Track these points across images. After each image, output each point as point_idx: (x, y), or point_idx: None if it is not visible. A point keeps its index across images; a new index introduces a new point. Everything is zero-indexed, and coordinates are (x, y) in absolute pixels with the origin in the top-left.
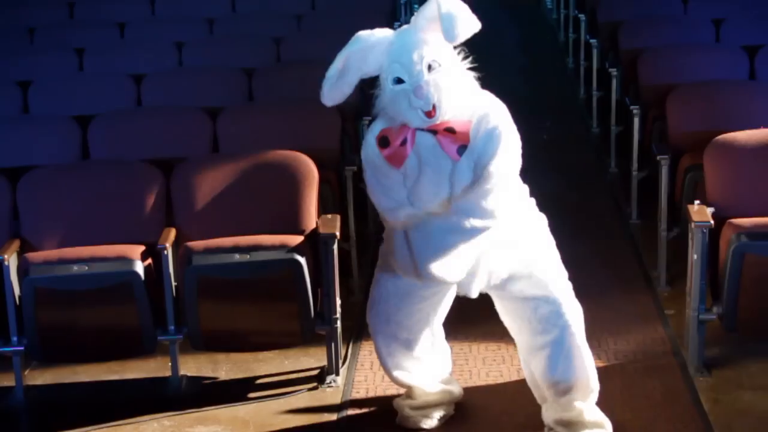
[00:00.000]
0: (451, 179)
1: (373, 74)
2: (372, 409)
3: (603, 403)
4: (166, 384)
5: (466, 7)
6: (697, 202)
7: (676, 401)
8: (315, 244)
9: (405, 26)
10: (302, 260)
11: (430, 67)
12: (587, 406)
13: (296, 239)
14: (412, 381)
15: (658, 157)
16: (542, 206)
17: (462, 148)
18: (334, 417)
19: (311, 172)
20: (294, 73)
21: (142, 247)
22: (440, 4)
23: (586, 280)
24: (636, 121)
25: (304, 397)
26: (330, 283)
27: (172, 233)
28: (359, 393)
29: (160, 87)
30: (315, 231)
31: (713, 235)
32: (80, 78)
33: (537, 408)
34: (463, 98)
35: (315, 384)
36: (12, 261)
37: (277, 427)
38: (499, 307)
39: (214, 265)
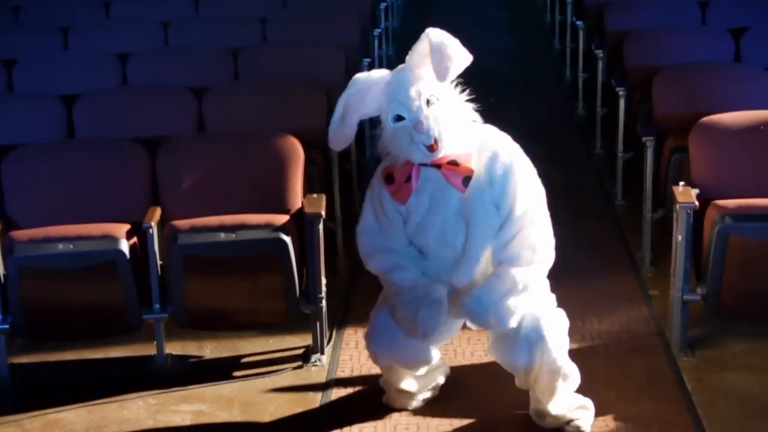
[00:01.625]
0: (464, 215)
1: (373, 115)
2: (357, 388)
3: (586, 383)
4: (151, 362)
5: (455, 42)
6: (682, 183)
7: (659, 381)
8: (300, 224)
9: (400, 66)
10: (288, 239)
11: (428, 102)
12: (568, 392)
13: (282, 218)
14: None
15: (643, 139)
16: None
17: (467, 179)
18: (318, 396)
19: (297, 151)
20: (280, 53)
21: (128, 226)
22: (431, 40)
23: (571, 261)
24: (622, 102)
25: (288, 376)
26: (315, 262)
27: (158, 212)
28: (344, 372)
29: (146, 66)
30: (300, 210)
31: (698, 216)
32: (65, 57)
33: (519, 389)
34: (463, 130)
35: (300, 363)
36: None
37: (262, 406)
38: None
39: (200, 244)
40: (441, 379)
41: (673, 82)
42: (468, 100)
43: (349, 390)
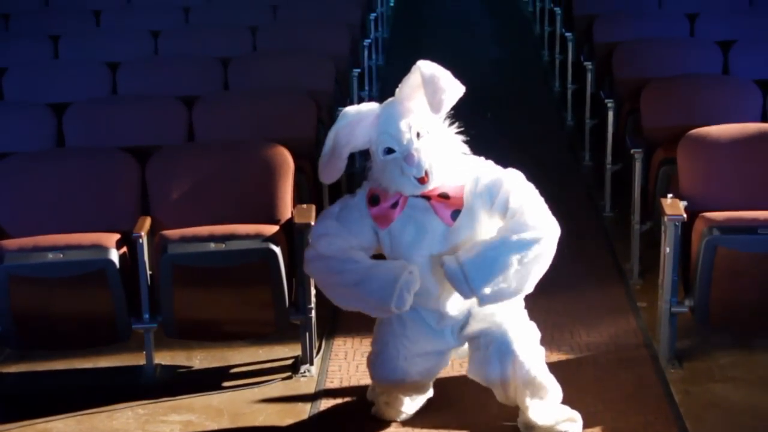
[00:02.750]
0: (448, 240)
1: (363, 148)
2: (346, 399)
3: (574, 395)
4: (140, 372)
5: (447, 74)
6: (670, 195)
7: (647, 393)
8: (290, 234)
9: (390, 98)
10: (277, 250)
11: (419, 135)
12: (552, 404)
13: (271, 229)
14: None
15: (632, 151)
16: None
17: (456, 213)
18: (308, 407)
19: (287, 161)
20: (270, 63)
21: (117, 236)
22: (423, 73)
23: (558, 273)
24: (610, 114)
25: (278, 387)
26: (305, 273)
27: (148, 221)
28: (333, 383)
29: (136, 75)
30: (290, 220)
31: (686, 228)
32: (56, 65)
33: None
34: (454, 163)
35: (289, 373)
36: None
37: (251, 416)
38: None
39: (190, 254)
40: (430, 392)
41: (661, 94)
42: (458, 132)
43: (338, 401)
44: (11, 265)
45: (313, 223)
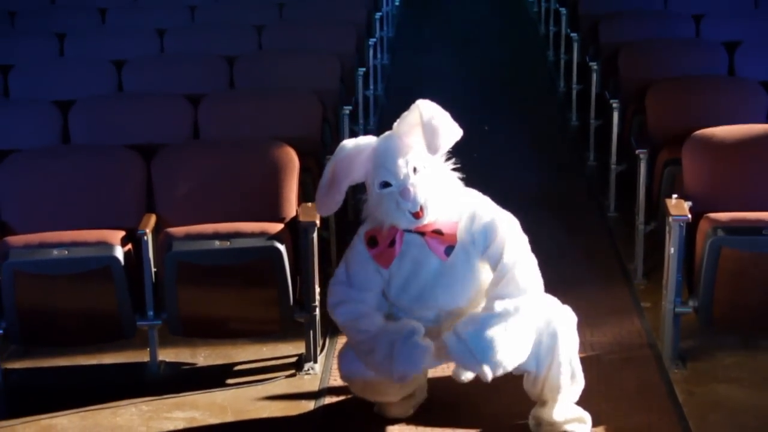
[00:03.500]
0: (443, 276)
1: (360, 180)
2: (350, 396)
3: (579, 395)
4: (144, 369)
5: (446, 116)
6: (675, 196)
7: (651, 393)
8: (295, 232)
9: (387, 132)
10: (282, 248)
11: (415, 170)
12: (567, 402)
13: (276, 227)
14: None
15: (636, 151)
16: (521, 198)
17: (449, 249)
18: (311, 404)
19: (292, 160)
20: (275, 61)
21: (122, 233)
22: (422, 114)
23: (563, 273)
24: (615, 114)
25: (281, 384)
26: (309, 271)
27: (153, 219)
28: (337, 380)
29: (141, 73)
30: (295, 219)
31: (690, 228)
32: (61, 63)
33: (514, 398)
34: (449, 199)
35: (293, 371)
36: None
37: (255, 414)
38: None
39: (194, 252)
40: (424, 379)
41: (667, 95)
42: (454, 169)
43: (342, 398)
44: (16, 261)
45: (317, 222)
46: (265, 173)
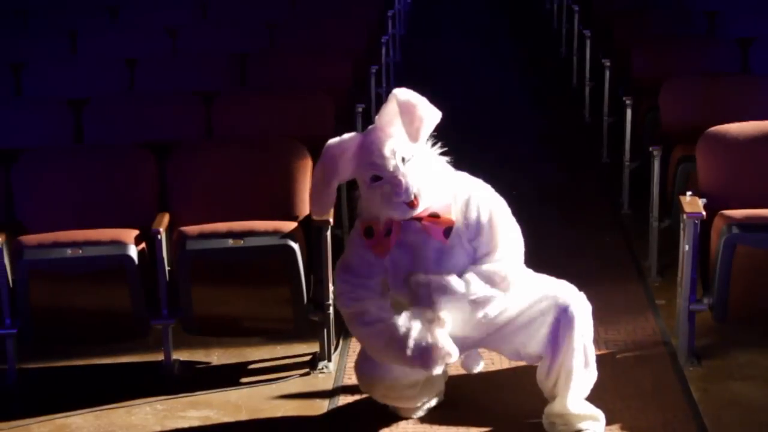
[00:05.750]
0: (443, 259)
1: (349, 178)
2: (364, 395)
3: (593, 392)
4: (158, 368)
5: (423, 101)
6: (689, 193)
7: (665, 391)
8: (308, 231)
9: (370, 126)
10: (295, 246)
11: (403, 160)
12: (580, 394)
13: (290, 225)
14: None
15: (650, 148)
16: (534, 195)
17: (448, 230)
18: (325, 403)
19: (304, 158)
20: (287, 59)
21: (136, 231)
22: (398, 101)
23: (577, 270)
24: (628, 112)
25: (296, 383)
26: (323, 269)
27: (166, 218)
28: (351, 379)
29: (154, 71)
30: (308, 217)
31: (705, 226)
32: (73, 61)
33: (527, 397)
34: (440, 182)
35: (307, 370)
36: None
37: (269, 413)
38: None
39: (208, 250)
40: (443, 385)
41: (680, 92)
42: (441, 153)
43: (356, 397)
44: (31, 260)
45: (330, 220)
46: (278, 171)
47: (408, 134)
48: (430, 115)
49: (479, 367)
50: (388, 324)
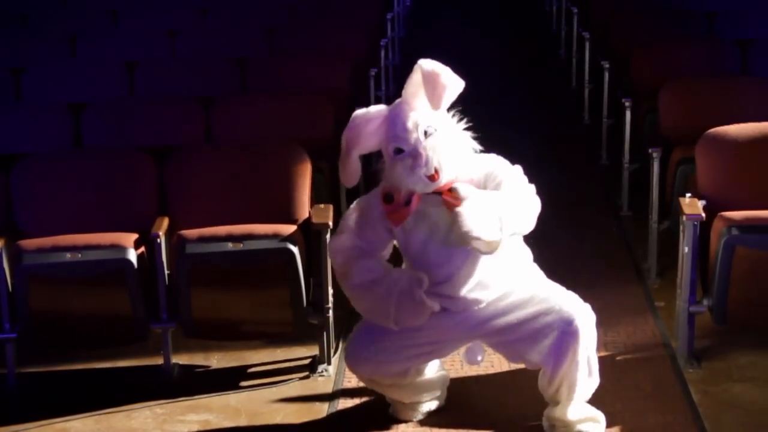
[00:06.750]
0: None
1: (374, 150)
2: (364, 399)
3: (593, 394)
4: (158, 372)
5: (447, 70)
6: (688, 194)
7: (665, 393)
8: (308, 234)
9: (397, 99)
10: (295, 249)
11: (426, 133)
12: (581, 401)
13: (289, 228)
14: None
15: (649, 150)
16: None
17: None
18: (325, 406)
19: (304, 161)
20: (287, 63)
21: (136, 235)
22: (423, 71)
23: (577, 272)
24: (628, 113)
25: (295, 386)
26: (322, 272)
27: (166, 222)
28: (351, 382)
29: (153, 76)
30: (308, 220)
31: (704, 227)
32: (73, 65)
33: (527, 399)
34: (463, 158)
35: (307, 373)
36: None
37: (269, 416)
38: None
39: (208, 254)
40: (443, 389)
41: (679, 94)
42: (466, 129)
43: (356, 400)
44: (30, 264)
45: (330, 224)
46: (278, 175)
47: (430, 101)
48: (453, 83)
49: (481, 359)
50: (377, 282)
